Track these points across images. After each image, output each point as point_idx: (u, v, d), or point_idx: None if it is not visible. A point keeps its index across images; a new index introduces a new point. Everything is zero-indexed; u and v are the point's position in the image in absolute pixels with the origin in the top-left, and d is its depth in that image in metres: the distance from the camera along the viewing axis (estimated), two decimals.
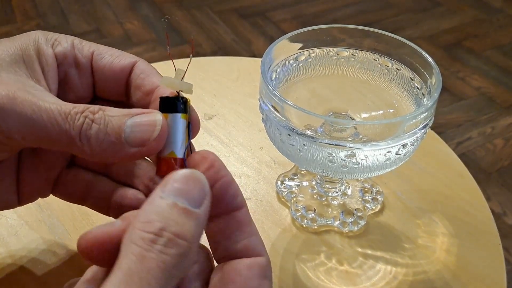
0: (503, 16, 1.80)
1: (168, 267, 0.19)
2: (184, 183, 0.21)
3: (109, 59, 0.30)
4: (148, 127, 0.25)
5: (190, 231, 0.20)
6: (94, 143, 0.25)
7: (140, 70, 0.30)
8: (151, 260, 0.19)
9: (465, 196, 0.41)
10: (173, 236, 0.20)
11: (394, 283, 0.34)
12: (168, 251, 0.20)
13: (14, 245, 0.35)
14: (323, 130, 0.35)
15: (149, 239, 0.20)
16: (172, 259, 0.20)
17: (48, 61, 0.29)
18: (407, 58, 0.35)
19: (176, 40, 1.62)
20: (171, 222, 0.20)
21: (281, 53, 0.36)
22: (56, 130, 0.24)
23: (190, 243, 0.20)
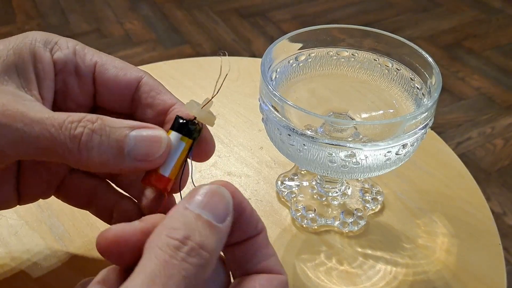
0: (503, 16, 1.80)
1: (188, 276, 0.20)
2: (209, 197, 0.22)
3: (113, 71, 0.29)
4: (154, 143, 0.25)
5: (212, 244, 0.21)
6: (95, 155, 0.24)
7: (148, 87, 0.29)
8: (174, 266, 0.19)
9: (465, 196, 0.41)
10: (196, 245, 0.20)
11: (394, 283, 0.34)
12: (190, 260, 0.20)
13: (14, 245, 0.35)
14: (323, 130, 0.35)
15: (174, 246, 0.20)
16: (194, 268, 0.20)
17: (44, 68, 0.27)
18: (407, 58, 0.35)
19: (176, 40, 1.62)
20: (195, 232, 0.20)
21: (281, 53, 0.36)
22: (49, 142, 0.24)
23: (211, 256, 0.21)
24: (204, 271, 0.20)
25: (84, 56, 0.29)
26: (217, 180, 0.24)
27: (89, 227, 0.37)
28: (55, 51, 0.28)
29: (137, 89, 0.29)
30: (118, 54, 1.53)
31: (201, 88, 0.52)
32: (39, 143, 0.24)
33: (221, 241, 0.22)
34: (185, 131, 0.26)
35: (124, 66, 0.29)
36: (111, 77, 0.29)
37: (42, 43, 0.28)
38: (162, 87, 0.30)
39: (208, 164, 0.43)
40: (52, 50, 0.28)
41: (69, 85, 0.29)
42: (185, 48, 1.58)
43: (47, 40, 0.28)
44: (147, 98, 0.29)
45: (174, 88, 0.32)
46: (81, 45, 0.29)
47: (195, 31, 1.67)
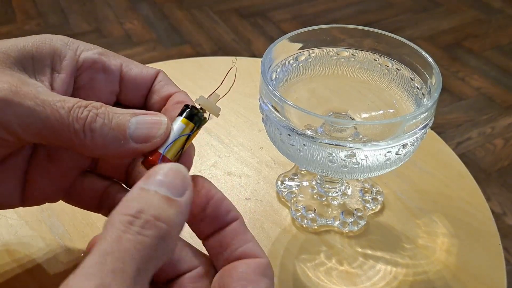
0: (503, 16, 1.80)
1: (145, 249, 0.19)
2: (165, 175, 0.22)
3: (137, 70, 0.31)
4: (154, 125, 0.26)
5: (169, 215, 0.21)
6: (98, 136, 0.25)
7: (160, 78, 0.31)
8: (128, 241, 0.19)
9: (465, 196, 0.41)
10: (151, 218, 0.20)
11: (394, 283, 0.34)
12: (145, 232, 0.20)
13: (14, 245, 0.35)
14: (323, 130, 0.35)
15: (126, 221, 0.20)
16: (150, 240, 0.20)
17: (63, 63, 0.28)
18: (407, 58, 0.35)
19: (176, 40, 1.62)
20: (150, 206, 0.20)
21: (281, 53, 0.36)
22: (58, 123, 0.25)
23: (170, 227, 0.20)
24: (165, 243, 0.20)
25: (110, 58, 0.30)
26: (192, 175, 0.24)
27: (89, 227, 0.37)
28: (81, 51, 0.30)
29: (153, 82, 0.31)
30: (118, 54, 1.53)
31: (201, 88, 0.52)
32: (48, 123, 0.25)
33: (182, 214, 0.22)
34: (187, 115, 0.27)
35: (143, 65, 0.32)
36: (138, 74, 0.31)
37: (63, 43, 0.29)
38: (171, 80, 0.32)
39: (208, 164, 0.43)
40: (76, 50, 0.29)
41: (96, 82, 0.30)
42: (185, 48, 1.58)
43: (68, 42, 0.29)
44: (156, 86, 0.31)
45: None
46: (102, 48, 0.31)
47: (195, 31, 1.67)
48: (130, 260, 0.19)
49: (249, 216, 0.39)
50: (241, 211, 0.39)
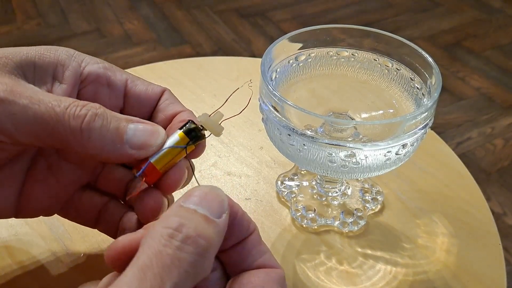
0: (503, 16, 1.80)
1: (184, 265, 0.19)
2: (204, 196, 0.22)
3: (142, 87, 0.31)
4: (152, 134, 0.26)
5: (209, 234, 0.21)
6: (96, 136, 0.25)
7: (166, 97, 0.31)
8: (167, 256, 0.19)
9: (465, 196, 0.41)
10: (193, 233, 0.20)
11: (394, 283, 0.34)
12: (186, 248, 0.19)
13: (14, 245, 0.35)
14: (323, 130, 0.35)
15: (167, 234, 0.20)
16: (190, 257, 0.19)
17: (66, 74, 0.28)
18: (407, 58, 0.35)
19: (176, 40, 1.62)
20: (191, 222, 0.20)
21: (281, 53, 0.36)
22: (54, 120, 0.24)
23: (209, 245, 0.20)
24: (204, 260, 0.20)
25: (115, 72, 0.30)
26: (210, 186, 0.24)
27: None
28: (86, 64, 0.29)
29: (159, 100, 0.31)
30: (118, 54, 1.53)
31: (201, 88, 0.52)
32: (43, 121, 0.24)
33: (219, 236, 0.21)
34: (186, 130, 0.27)
35: (149, 82, 0.31)
36: (142, 91, 0.30)
37: (68, 55, 0.29)
38: (177, 99, 0.31)
39: (208, 164, 0.43)
40: (82, 63, 0.29)
41: (100, 96, 0.30)
42: (185, 48, 1.58)
43: (72, 53, 0.29)
44: (162, 104, 0.31)
45: (174, 88, 0.33)
46: (107, 63, 0.31)
47: (195, 31, 1.67)
48: (168, 276, 0.19)
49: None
50: None
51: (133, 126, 0.26)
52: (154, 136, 0.27)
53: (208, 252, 0.20)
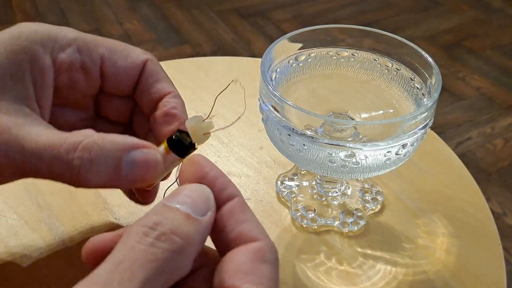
0: (503, 16, 1.80)
1: (157, 260, 0.19)
2: (188, 195, 0.22)
3: (120, 62, 0.29)
4: (149, 168, 0.25)
5: (187, 231, 0.20)
6: (93, 180, 0.25)
7: (149, 73, 0.30)
8: (140, 251, 0.19)
9: (465, 196, 0.41)
10: (167, 230, 0.20)
11: (394, 283, 0.34)
12: (158, 244, 0.19)
13: (14, 245, 0.35)
14: (323, 130, 0.35)
15: (142, 232, 0.20)
16: (163, 253, 0.19)
17: (43, 75, 0.27)
18: (407, 58, 0.35)
19: (175, 40, 1.62)
20: (168, 220, 0.20)
21: (281, 53, 0.36)
22: (48, 169, 0.24)
23: (186, 243, 0.20)
24: (180, 258, 0.20)
25: (89, 52, 0.29)
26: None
27: (89, 227, 0.37)
28: (57, 53, 0.27)
29: (141, 73, 0.30)
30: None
31: (201, 88, 0.52)
32: (33, 166, 0.24)
33: (201, 233, 0.21)
34: (176, 147, 0.27)
35: (129, 51, 0.30)
36: (120, 68, 0.29)
37: (40, 44, 0.27)
38: (162, 73, 0.30)
39: None
40: (52, 52, 0.27)
41: (76, 81, 0.29)
42: (185, 48, 1.58)
43: (44, 39, 0.27)
44: (146, 84, 0.30)
45: None
46: (82, 38, 0.29)
47: (195, 31, 1.67)
48: (138, 270, 0.18)
49: None
50: None
51: (130, 159, 0.25)
52: (152, 170, 0.25)
53: (186, 250, 0.20)
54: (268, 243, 0.22)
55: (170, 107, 0.29)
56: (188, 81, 0.52)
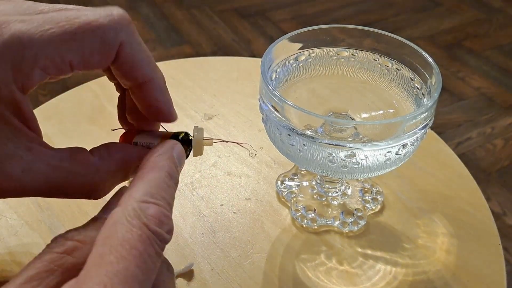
0: (503, 16, 1.80)
1: None
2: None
3: (93, 61, 0.27)
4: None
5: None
6: (101, 195, 0.27)
7: (123, 60, 0.28)
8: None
9: (465, 196, 0.41)
10: None
11: (394, 283, 0.34)
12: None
13: (14, 245, 0.35)
14: (323, 130, 0.35)
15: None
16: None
17: (25, 111, 0.25)
18: (407, 58, 0.35)
19: (176, 40, 1.62)
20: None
21: (281, 53, 0.36)
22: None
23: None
24: None
25: (55, 65, 0.26)
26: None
27: None
28: (23, 81, 0.25)
29: (115, 58, 0.28)
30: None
31: (201, 88, 0.52)
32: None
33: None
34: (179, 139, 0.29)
35: (99, 36, 0.26)
36: (91, 63, 0.27)
37: (4, 81, 0.24)
38: (138, 55, 0.28)
39: (208, 164, 0.43)
40: (17, 83, 0.25)
41: (49, 77, 0.27)
42: (185, 48, 1.58)
43: (5, 73, 0.24)
44: (121, 70, 0.28)
45: (174, 88, 0.33)
46: (42, 48, 0.25)
47: (195, 31, 1.67)
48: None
49: (249, 216, 0.39)
50: (241, 211, 0.39)
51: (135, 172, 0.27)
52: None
53: None
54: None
55: (151, 99, 0.29)
56: (188, 81, 0.52)
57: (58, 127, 0.46)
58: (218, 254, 0.36)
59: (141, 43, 0.29)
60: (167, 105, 0.30)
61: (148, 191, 0.22)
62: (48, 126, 0.45)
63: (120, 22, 0.28)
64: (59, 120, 0.46)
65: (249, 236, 0.37)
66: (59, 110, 0.48)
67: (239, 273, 0.35)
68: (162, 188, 0.23)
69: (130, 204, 0.21)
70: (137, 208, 0.21)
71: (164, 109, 0.29)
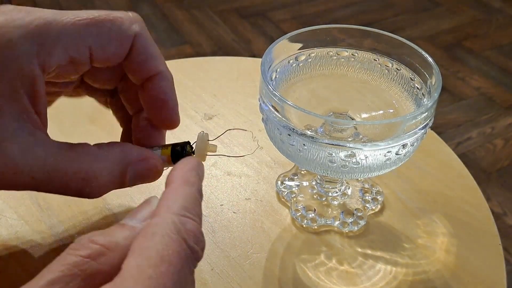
0: (503, 16, 1.80)
1: None
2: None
3: (110, 49, 0.29)
4: (149, 177, 0.30)
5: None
6: (97, 195, 0.28)
7: (137, 50, 0.30)
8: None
9: (465, 196, 0.41)
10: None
11: (394, 283, 0.34)
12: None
13: (14, 245, 0.35)
14: (323, 130, 0.35)
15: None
16: None
17: (35, 84, 0.26)
18: (407, 58, 0.35)
19: (176, 40, 1.62)
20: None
21: (281, 53, 0.36)
22: (54, 189, 0.27)
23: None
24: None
25: (77, 48, 0.27)
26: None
27: (89, 226, 0.37)
28: (45, 57, 0.26)
29: (130, 49, 0.30)
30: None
31: (201, 88, 0.52)
32: (46, 190, 0.28)
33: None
34: (178, 159, 0.30)
35: (117, 26, 0.29)
36: (108, 52, 0.29)
37: (26, 54, 0.26)
38: (151, 48, 0.30)
39: (208, 164, 0.43)
40: (39, 57, 0.26)
41: (64, 72, 0.29)
42: (185, 48, 1.58)
43: (27, 46, 0.26)
44: (134, 62, 0.30)
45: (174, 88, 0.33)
46: (68, 34, 0.27)
47: (195, 31, 1.67)
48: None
49: (249, 216, 0.39)
50: (241, 211, 0.39)
51: (133, 172, 0.28)
52: (152, 177, 0.30)
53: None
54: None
55: (159, 91, 0.30)
56: (188, 81, 0.52)
57: (58, 127, 0.46)
58: (218, 254, 0.36)
59: (152, 40, 0.31)
60: (173, 102, 0.31)
61: (185, 205, 0.22)
62: (48, 126, 0.45)
63: (135, 17, 0.31)
64: (59, 120, 0.46)
65: (249, 236, 0.37)
66: (59, 110, 0.48)
67: (239, 273, 0.35)
68: (196, 204, 0.23)
69: (169, 217, 0.21)
70: (177, 222, 0.21)
71: (170, 105, 0.31)
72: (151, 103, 0.31)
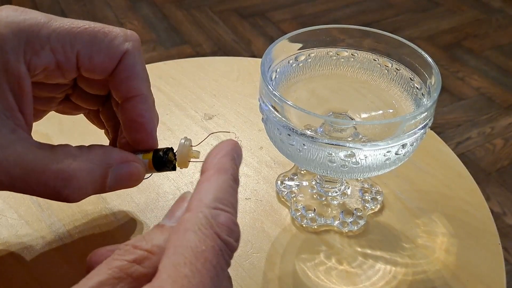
0: (502, 16, 1.80)
1: None
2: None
3: (97, 59, 0.29)
4: (131, 180, 0.30)
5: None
6: (77, 199, 0.27)
7: (123, 67, 0.30)
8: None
9: (465, 196, 0.41)
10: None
11: (394, 282, 0.35)
12: None
13: (14, 245, 0.36)
14: (323, 130, 0.35)
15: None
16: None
17: (20, 83, 0.26)
18: (407, 58, 0.35)
19: (176, 40, 1.62)
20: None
21: (281, 53, 0.36)
22: (31, 189, 0.26)
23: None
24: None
25: (64, 52, 0.28)
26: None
27: (89, 226, 0.37)
28: (31, 57, 0.26)
29: (117, 64, 0.30)
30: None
31: (201, 88, 0.52)
32: (23, 190, 0.27)
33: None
34: (160, 165, 0.31)
35: (109, 40, 0.29)
36: (95, 63, 0.29)
37: (12, 51, 0.26)
38: (137, 67, 0.30)
39: None
40: (25, 56, 0.26)
41: (51, 76, 0.29)
42: (185, 48, 1.58)
43: (15, 44, 0.26)
44: (118, 78, 0.30)
45: (174, 88, 0.33)
46: (56, 36, 0.27)
47: (195, 31, 1.67)
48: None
49: (249, 216, 0.39)
50: (241, 211, 0.39)
51: (114, 176, 0.28)
52: (134, 182, 0.30)
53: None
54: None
55: (136, 113, 0.30)
56: (188, 81, 0.52)
57: (58, 127, 0.46)
58: None
59: (143, 63, 0.32)
60: (150, 126, 0.31)
61: (217, 196, 0.21)
62: (48, 126, 0.45)
63: (131, 36, 0.31)
64: (59, 120, 0.46)
65: (249, 236, 0.37)
66: None
67: (239, 273, 0.35)
68: (230, 192, 0.22)
69: (201, 211, 0.21)
70: (209, 215, 0.20)
71: (146, 128, 0.31)
72: (128, 124, 0.31)
